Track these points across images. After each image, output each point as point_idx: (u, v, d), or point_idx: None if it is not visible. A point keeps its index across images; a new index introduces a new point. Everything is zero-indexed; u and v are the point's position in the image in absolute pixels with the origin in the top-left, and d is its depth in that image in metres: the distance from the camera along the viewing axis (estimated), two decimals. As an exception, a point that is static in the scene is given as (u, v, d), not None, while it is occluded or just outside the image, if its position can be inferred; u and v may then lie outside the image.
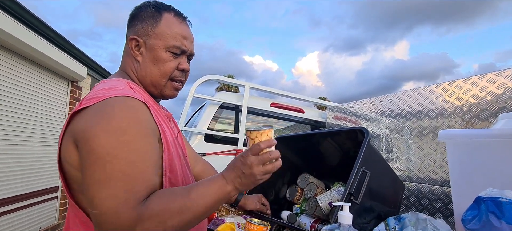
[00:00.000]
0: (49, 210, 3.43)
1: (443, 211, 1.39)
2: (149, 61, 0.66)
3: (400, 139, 1.71)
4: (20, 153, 2.91)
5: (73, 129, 0.53)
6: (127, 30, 0.70)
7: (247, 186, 0.59)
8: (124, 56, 0.70)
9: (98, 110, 0.51)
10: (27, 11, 2.73)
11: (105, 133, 0.49)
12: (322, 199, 0.96)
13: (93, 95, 0.55)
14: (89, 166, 0.49)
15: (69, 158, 0.54)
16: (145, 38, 0.66)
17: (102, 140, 0.49)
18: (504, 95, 1.26)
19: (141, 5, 0.69)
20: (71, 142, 0.53)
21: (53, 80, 3.40)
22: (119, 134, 0.50)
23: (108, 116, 0.50)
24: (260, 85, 2.47)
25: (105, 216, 0.47)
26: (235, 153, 2.27)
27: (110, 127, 0.50)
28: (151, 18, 0.66)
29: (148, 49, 0.66)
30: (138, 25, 0.66)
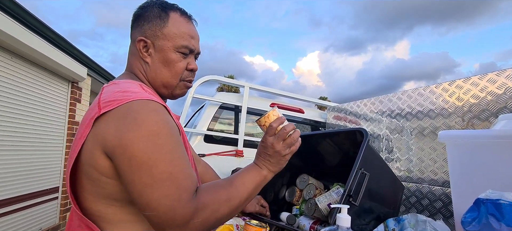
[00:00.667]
0: (50, 210, 3.43)
1: (443, 212, 1.39)
2: (159, 62, 0.66)
3: (400, 139, 1.70)
4: (21, 154, 2.91)
5: (99, 135, 0.52)
6: (132, 31, 0.68)
7: (278, 165, 0.65)
8: (131, 57, 0.69)
9: (125, 115, 0.51)
10: (27, 12, 2.74)
11: (141, 139, 0.50)
12: (321, 200, 0.96)
13: (111, 98, 0.54)
14: (134, 173, 0.50)
15: (97, 165, 0.53)
16: (153, 39, 0.65)
17: (141, 145, 0.50)
18: (505, 96, 1.25)
19: (146, 4, 0.68)
20: (99, 149, 0.52)
21: (53, 81, 3.40)
22: (154, 137, 0.51)
23: (139, 121, 0.51)
24: (259, 86, 2.47)
25: (164, 215, 0.50)
26: (234, 153, 2.26)
27: (144, 132, 0.50)
28: (158, 19, 0.65)
29: (157, 50, 0.66)
30: (145, 26, 0.65)
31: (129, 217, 0.57)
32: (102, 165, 0.53)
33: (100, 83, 4.53)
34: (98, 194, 0.56)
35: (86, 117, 0.56)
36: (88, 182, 0.55)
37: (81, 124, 0.57)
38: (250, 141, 2.40)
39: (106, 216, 0.56)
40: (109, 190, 0.55)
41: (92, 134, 0.53)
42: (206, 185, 0.59)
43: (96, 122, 0.53)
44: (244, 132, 2.32)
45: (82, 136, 0.54)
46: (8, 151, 2.74)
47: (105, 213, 0.56)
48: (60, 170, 3.61)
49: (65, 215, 3.64)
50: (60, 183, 3.61)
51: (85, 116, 0.58)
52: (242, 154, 2.28)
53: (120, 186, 0.54)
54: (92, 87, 4.44)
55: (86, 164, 0.54)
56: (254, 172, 0.65)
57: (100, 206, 0.56)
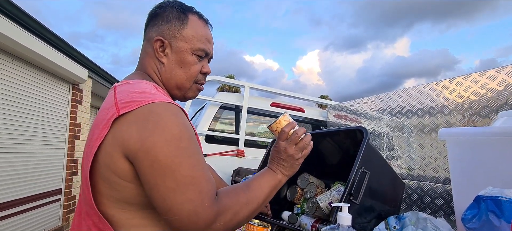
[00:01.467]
0: (53, 212, 3.45)
1: (444, 209, 1.39)
2: (174, 63, 0.66)
3: (401, 137, 1.71)
4: (23, 156, 2.93)
5: (119, 138, 0.51)
6: (148, 29, 0.67)
7: (292, 168, 0.68)
8: (145, 56, 0.67)
9: (147, 118, 0.51)
10: (26, 14, 2.75)
11: (164, 143, 0.50)
12: (322, 199, 0.96)
13: (129, 98, 0.53)
14: (157, 177, 0.50)
15: (115, 168, 0.52)
16: (171, 40, 0.65)
17: (164, 149, 0.50)
18: (505, 92, 1.25)
19: (164, 4, 0.67)
20: (119, 151, 0.51)
21: (54, 83, 3.42)
22: (176, 141, 0.51)
23: (162, 125, 0.51)
24: (260, 85, 2.47)
25: (187, 220, 0.51)
26: (235, 153, 2.27)
27: (167, 136, 0.50)
28: (177, 20, 0.65)
29: (174, 51, 0.65)
30: (163, 25, 0.65)
31: (143, 222, 0.56)
32: (122, 168, 0.52)
33: (101, 85, 4.54)
34: (113, 197, 0.55)
35: (102, 117, 0.54)
36: (104, 184, 0.54)
37: (97, 124, 0.56)
38: (251, 141, 2.40)
39: (120, 221, 0.55)
40: (126, 193, 0.54)
41: (111, 135, 0.51)
42: (226, 189, 0.60)
43: (115, 123, 0.52)
44: (245, 131, 2.32)
45: (99, 137, 0.52)
46: (10, 154, 2.76)
47: (119, 218, 0.55)
48: (62, 171, 3.63)
49: (68, 216, 3.66)
50: (63, 184, 3.63)
51: (100, 115, 0.56)
52: (243, 154, 2.29)
53: (138, 190, 0.54)
54: (93, 89, 4.45)
55: (103, 166, 0.53)
56: (269, 176, 0.67)
57: (114, 210, 0.55)
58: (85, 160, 0.56)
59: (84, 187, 0.56)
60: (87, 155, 0.55)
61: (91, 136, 0.57)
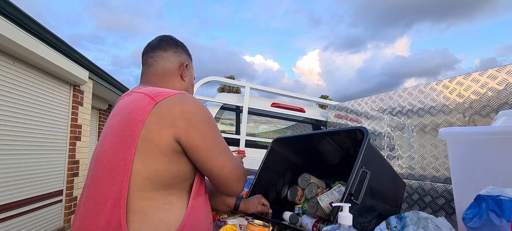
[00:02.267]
0: (55, 213, 3.46)
1: (446, 208, 1.39)
2: (188, 82, 0.89)
3: (402, 137, 1.71)
4: (24, 158, 2.94)
5: (165, 117, 0.63)
6: (171, 53, 0.85)
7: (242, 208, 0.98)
8: (166, 74, 0.83)
9: (183, 101, 0.66)
10: (27, 16, 2.76)
11: (205, 118, 0.68)
12: (323, 199, 0.96)
13: (157, 92, 0.67)
14: (209, 142, 0.67)
15: (160, 141, 0.61)
16: (189, 67, 0.89)
17: (207, 124, 0.68)
18: (505, 91, 1.25)
19: (175, 39, 0.89)
20: (166, 127, 0.62)
21: (55, 85, 3.42)
22: (210, 118, 0.70)
23: (198, 105, 0.68)
24: (260, 86, 2.47)
25: (232, 172, 0.71)
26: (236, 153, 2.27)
27: (205, 113, 0.69)
28: (188, 54, 0.91)
29: (189, 74, 0.89)
30: (184, 55, 0.88)
31: (152, 203, 0.62)
32: (166, 141, 0.62)
33: (102, 86, 4.55)
34: (139, 172, 0.61)
35: (137, 106, 0.65)
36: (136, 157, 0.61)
37: (132, 111, 0.64)
38: (252, 141, 2.40)
39: (134, 202, 0.60)
40: (154, 165, 0.61)
41: (153, 116, 0.62)
42: None
43: (153, 109, 0.63)
44: (246, 132, 2.33)
45: (140, 120, 0.62)
46: (12, 155, 2.77)
47: (133, 196, 0.61)
48: (64, 172, 3.64)
49: (70, 217, 3.66)
50: (64, 185, 3.64)
51: (132, 106, 0.66)
52: (244, 154, 2.29)
53: (167, 165, 0.63)
54: (94, 90, 4.46)
55: (145, 141, 0.61)
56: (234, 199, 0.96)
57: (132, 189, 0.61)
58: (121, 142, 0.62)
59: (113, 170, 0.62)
60: (129, 137, 0.62)
61: (125, 122, 0.64)
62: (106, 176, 0.62)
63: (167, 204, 0.63)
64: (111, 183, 0.61)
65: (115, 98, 5.52)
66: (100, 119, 5.73)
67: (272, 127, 2.96)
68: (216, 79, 2.34)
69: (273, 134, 2.89)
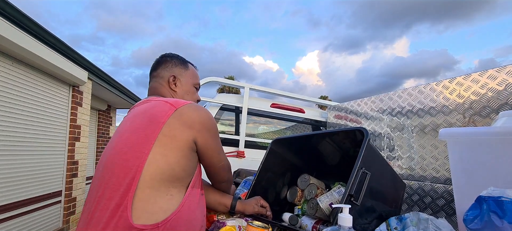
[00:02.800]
0: (53, 214, 3.45)
1: (446, 209, 1.38)
2: (183, 92, 0.97)
3: (402, 137, 1.70)
4: (23, 158, 2.93)
5: (185, 119, 0.76)
6: (159, 71, 0.97)
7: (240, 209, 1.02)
8: (160, 88, 0.95)
9: (199, 109, 0.80)
10: (27, 17, 2.75)
11: (214, 122, 0.83)
12: (322, 200, 0.96)
13: (175, 101, 0.79)
14: (215, 142, 0.83)
15: (180, 136, 0.73)
16: (180, 77, 0.97)
17: (215, 127, 0.83)
18: (505, 92, 1.25)
19: (169, 55, 1.01)
20: (185, 126, 0.75)
21: (54, 86, 3.42)
22: (215, 124, 0.84)
23: (209, 114, 0.82)
24: (260, 86, 2.47)
25: (228, 167, 0.94)
26: (236, 154, 2.27)
27: (213, 119, 0.83)
28: (182, 65, 0.99)
29: (182, 84, 0.97)
30: (174, 68, 0.97)
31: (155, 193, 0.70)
32: (186, 139, 0.74)
33: (101, 87, 4.54)
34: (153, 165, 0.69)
35: (159, 109, 0.76)
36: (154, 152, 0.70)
37: (155, 114, 0.75)
38: (251, 142, 2.39)
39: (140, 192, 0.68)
40: (169, 158, 0.71)
41: (174, 118, 0.74)
42: None
43: (174, 113, 0.74)
44: (245, 132, 2.32)
45: (161, 122, 0.73)
46: (11, 156, 2.76)
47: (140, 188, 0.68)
48: (62, 173, 3.62)
49: (69, 218, 3.65)
50: (63, 186, 3.63)
51: (155, 109, 0.76)
52: (244, 155, 2.28)
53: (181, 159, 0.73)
54: (93, 91, 4.45)
55: (163, 135, 0.72)
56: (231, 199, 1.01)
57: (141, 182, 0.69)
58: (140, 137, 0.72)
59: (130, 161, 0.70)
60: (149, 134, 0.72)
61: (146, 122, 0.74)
62: (121, 166, 0.70)
63: (169, 195, 0.71)
64: (126, 172, 0.69)
65: (115, 99, 5.51)
66: (99, 119, 5.72)
67: (272, 127, 2.96)
68: (216, 80, 2.34)
69: (272, 135, 2.88)
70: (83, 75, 3.75)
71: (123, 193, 0.67)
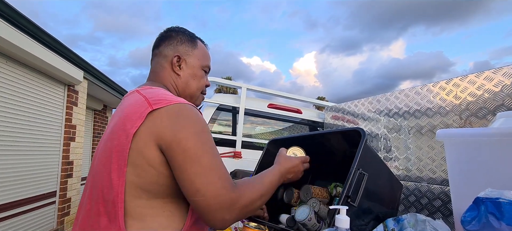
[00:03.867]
0: (47, 215, 3.40)
1: (442, 210, 1.38)
2: (189, 76, 0.80)
3: (398, 138, 1.70)
4: (17, 158, 2.89)
5: (154, 128, 0.59)
6: (162, 48, 0.80)
7: (293, 179, 0.88)
8: (160, 70, 0.79)
9: (178, 114, 0.61)
10: (21, 15, 2.72)
11: (193, 135, 0.60)
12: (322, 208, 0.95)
13: (159, 98, 0.63)
14: (187, 163, 0.59)
15: (147, 153, 0.59)
16: (186, 57, 0.80)
17: (192, 141, 0.60)
18: (502, 93, 1.25)
19: (176, 29, 0.82)
20: (153, 140, 0.59)
21: (50, 85, 3.38)
22: (201, 135, 0.62)
23: (190, 121, 0.62)
24: (257, 87, 2.46)
25: (211, 200, 0.58)
26: (233, 155, 2.25)
27: (195, 130, 0.61)
28: (190, 42, 0.81)
29: (188, 66, 0.80)
30: (179, 45, 0.79)
31: (151, 211, 0.61)
32: (153, 155, 0.59)
33: (97, 86, 4.50)
34: (132, 183, 0.59)
35: (134, 110, 0.62)
36: (129, 169, 0.59)
37: (128, 116, 0.62)
38: (248, 142, 2.38)
39: (132, 209, 0.60)
40: (146, 179, 0.60)
41: (145, 126, 0.59)
42: (243, 180, 0.69)
43: (148, 116, 0.60)
44: (242, 133, 2.31)
45: (133, 126, 0.59)
46: (4, 156, 2.72)
47: (132, 205, 0.60)
48: (57, 174, 3.58)
49: (63, 219, 3.61)
50: (58, 187, 3.58)
51: (129, 109, 0.63)
52: (241, 155, 2.27)
53: (158, 177, 0.60)
54: (89, 91, 4.41)
55: (134, 151, 0.59)
56: (280, 178, 0.79)
57: (129, 197, 0.60)
58: (113, 147, 0.61)
59: (109, 172, 0.60)
60: (119, 142, 0.61)
61: (122, 126, 0.62)
62: (104, 180, 0.61)
63: (167, 212, 0.62)
64: (109, 187, 0.60)
65: (111, 99, 5.47)
66: (95, 119, 5.67)
67: (269, 128, 2.95)
68: (213, 80, 2.32)
69: (269, 135, 2.88)
70: (79, 74, 3.71)
71: (111, 212, 0.59)
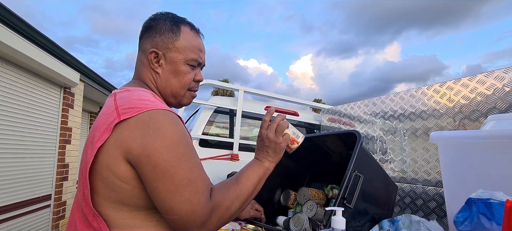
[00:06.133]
0: (42, 219, 3.36)
1: (437, 211, 1.40)
2: (169, 73, 0.69)
3: (394, 140, 1.72)
4: (12, 161, 2.85)
5: (122, 142, 0.54)
6: (143, 41, 0.70)
7: (276, 154, 0.72)
8: (140, 67, 0.70)
9: (148, 124, 0.54)
10: (16, 17, 2.70)
11: (164, 149, 0.54)
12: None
13: (129, 104, 0.56)
14: (158, 180, 0.53)
15: (116, 170, 0.55)
16: (165, 51, 0.67)
17: (164, 155, 0.53)
18: (494, 96, 1.28)
19: (157, 17, 0.70)
20: (121, 155, 0.54)
21: (45, 87, 3.35)
22: (175, 147, 0.55)
23: (162, 132, 0.54)
24: (254, 89, 2.47)
25: (186, 218, 0.55)
26: (230, 157, 2.26)
27: (167, 142, 0.54)
28: (170, 32, 0.68)
29: (168, 62, 0.68)
30: (157, 38, 0.67)
31: (136, 222, 0.58)
32: (122, 170, 0.54)
33: (93, 89, 4.48)
34: (110, 197, 0.56)
35: (103, 121, 0.57)
36: (102, 184, 0.56)
37: (97, 127, 0.57)
38: (246, 145, 2.39)
39: (115, 221, 0.57)
40: (122, 194, 0.56)
41: (112, 138, 0.54)
42: (217, 185, 0.63)
43: (116, 127, 0.54)
44: (239, 135, 2.32)
45: (100, 139, 0.55)
46: (-1, 159, 2.69)
47: (114, 217, 0.57)
48: (52, 177, 3.54)
49: (58, 223, 3.57)
50: (53, 190, 3.54)
51: (100, 119, 0.58)
52: (238, 158, 2.28)
53: (134, 191, 0.56)
54: (85, 93, 4.38)
55: (104, 167, 0.55)
56: (256, 166, 0.70)
57: (109, 210, 0.57)
58: (84, 161, 0.58)
59: (82, 186, 0.57)
60: (87, 156, 0.57)
61: (91, 138, 0.58)
62: (84, 188, 0.58)
63: (154, 221, 0.59)
64: (88, 197, 0.57)
65: (107, 101, 5.43)
66: (91, 122, 5.63)
67: (266, 130, 2.96)
68: (210, 83, 2.33)
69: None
70: (75, 76, 3.69)
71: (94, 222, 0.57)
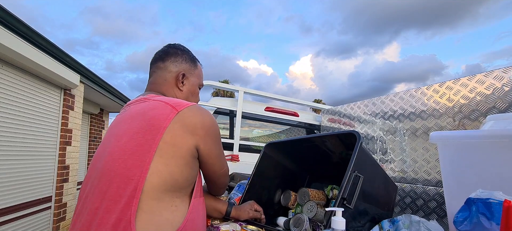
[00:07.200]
0: (43, 221, 3.36)
1: (437, 211, 1.40)
2: (188, 92, 0.91)
3: (394, 140, 1.73)
4: (12, 163, 2.86)
5: (187, 123, 0.70)
6: (167, 64, 0.88)
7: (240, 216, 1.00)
8: (163, 83, 0.88)
9: (202, 111, 0.75)
10: (17, 19, 2.70)
11: (218, 129, 0.79)
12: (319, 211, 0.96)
13: (177, 103, 0.73)
14: (217, 147, 0.79)
15: (181, 142, 0.69)
16: (189, 75, 0.91)
17: (218, 131, 0.79)
18: (493, 96, 1.28)
19: (180, 47, 0.92)
20: (187, 132, 0.70)
21: (45, 89, 3.36)
22: (219, 130, 0.80)
23: (211, 116, 0.77)
24: (254, 90, 2.47)
25: (227, 171, 0.89)
26: (230, 158, 2.26)
27: (215, 123, 0.78)
28: (192, 62, 0.93)
29: (190, 83, 0.91)
30: (184, 64, 0.90)
31: (161, 205, 0.66)
32: (188, 146, 0.70)
33: (94, 90, 4.48)
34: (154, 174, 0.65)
35: (159, 113, 0.70)
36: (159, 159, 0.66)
37: (155, 117, 0.69)
38: (246, 145, 2.39)
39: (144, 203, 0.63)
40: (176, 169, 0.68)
41: (176, 123, 0.69)
42: None
43: (175, 117, 0.69)
44: (239, 136, 2.32)
45: (163, 127, 0.67)
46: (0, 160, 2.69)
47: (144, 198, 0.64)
48: (53, 178, 3.55)
49: (59, 225, 3.56)
50: (53, 192, 3.55)
51: (154, 112, 0.71)
52: (238, 159, 2.28)
53: (184, 167, 0.70)
54: (85, 94, 4.39)
55: (167, 144, 0.67)
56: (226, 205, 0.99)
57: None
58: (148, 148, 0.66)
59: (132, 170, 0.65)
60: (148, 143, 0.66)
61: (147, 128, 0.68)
62: (121, 175, 0.64)
63: (173, 206, 0.68)
64: (126, 182, 0.63)
65: (108, 103, 5.44)
66: (91, 123, 5.63)
67: (266, 131, 2.96)
68: (211, 84, 2.33)
69: (267, 138, 2.89)
70: (75, 78, 3.69)
71: (125, 206, 0.62)
